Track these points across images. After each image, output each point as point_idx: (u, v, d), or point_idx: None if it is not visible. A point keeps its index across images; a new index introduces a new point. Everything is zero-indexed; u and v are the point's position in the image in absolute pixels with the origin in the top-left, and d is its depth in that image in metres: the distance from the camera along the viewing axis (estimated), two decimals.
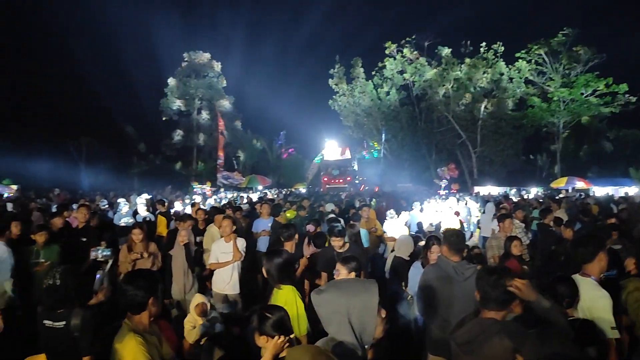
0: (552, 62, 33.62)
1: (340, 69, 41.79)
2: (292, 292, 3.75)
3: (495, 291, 2.53)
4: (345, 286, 2.00)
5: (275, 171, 46.88)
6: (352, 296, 1.92)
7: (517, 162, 37.94)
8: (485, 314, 2.57)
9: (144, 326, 2.72)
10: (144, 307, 2.69)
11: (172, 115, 46.49)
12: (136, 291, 2.65)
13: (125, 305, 2.69)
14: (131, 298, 2.65)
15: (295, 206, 11.65)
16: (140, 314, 2.70)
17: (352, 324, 1.90)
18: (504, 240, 6.13)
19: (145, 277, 2.77)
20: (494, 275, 2.58)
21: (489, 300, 2.56)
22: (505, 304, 2.57)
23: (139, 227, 6.29)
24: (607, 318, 3.12)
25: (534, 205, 14.93)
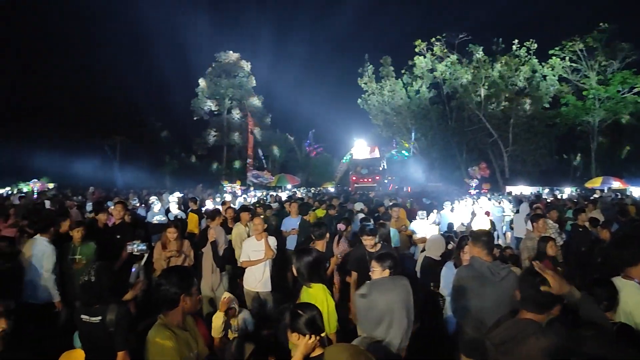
0: (587, 59, 32.77)
1: (369, 68, 41.68)
2: (323, 290, 3.75)
3: (537, 294, 2.49)
4: (385, 286, 2.00)
5: (304, 170, 47.01)
6: (395, 295, 1.93)
7: (550, 161, 37.13)
8: (523, 315, 2.53)
9: (177, 322, 2.77)
10: (176, 303, 2.74)
11: (203, 115, 47.21)
12: (169, 287, 2.72)
13: (158, 301, 2.76)
14: (164, 294, 2.72)
15: (325, 205, 11.66)
16: (173, 310, 2.75)
17: (399, 322, 1.90)
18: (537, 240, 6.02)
19: (178, 274, 2.82)
20: (537, 277, 2.53)
21: (529, 302, 2.52)
22: (544, 308, 2.52)
23: (174, 225, 6.38)
24: None
25: (568, 205, 14.59)
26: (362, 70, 42.06)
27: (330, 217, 9.82)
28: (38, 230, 5.97)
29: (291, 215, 9.38)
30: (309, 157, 49.39)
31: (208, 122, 47.92)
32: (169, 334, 2.64)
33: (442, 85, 38.93)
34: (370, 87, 41.75)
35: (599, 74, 32.53)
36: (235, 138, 47.40)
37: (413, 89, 40.03)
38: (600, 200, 15.28)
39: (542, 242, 5.68)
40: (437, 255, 5.56)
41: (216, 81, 46.83)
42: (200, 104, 46.51)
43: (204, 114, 47.12)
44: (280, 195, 21.24)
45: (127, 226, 7.17)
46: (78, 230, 6.05)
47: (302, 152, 49.47)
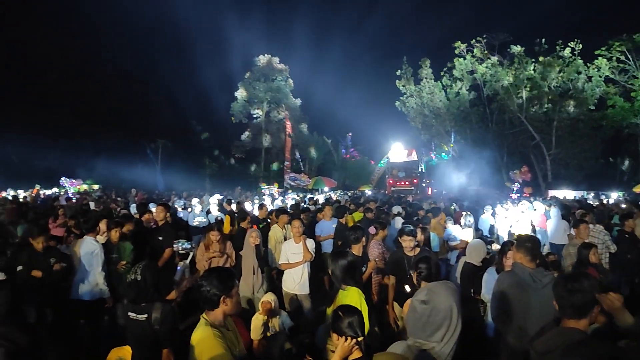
0: (636, 59, 31.58)
1: (407, 70, 41.41)
2: (357, 294, 3.76)
3: (572, 297, 2.43)
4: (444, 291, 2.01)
5: (341, 173, 47.04)
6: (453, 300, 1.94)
7: (595, 165, 35.94)
8: (566, 323, 2.47)
9: (220, 321, 2.84)
10: (217, 304, 2.81)
11: (242, 118, 47.84)
12: (209, 288, 2.78)
13: (201, 300, 2.83)
14: (204, 295, 2.79)
15: (362, 208, 11.62)
16: (214, 310, 2.82)
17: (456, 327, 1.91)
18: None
19: (219, 275, 2.88)
20: (570, 280, 2.49)
21: (566, 307, 2.47)
22: (583, 311, 2.46)
23: (217, 228, 6.56)
24: None
25: (615, 210, 14.09)
26: (400, 72, 41.81)
27: (368, 220, 9.79)
28: (86, 230, 6.19)
29: (325, 218, 9.39)
30: (345, 160, 49.39)
31: (247, 125, 48.60)
32: (216, 332, 2.72)
33: (482, 87, 38.28)
34: (409, 89, 41.44)
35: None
36: (273, 141, 47.87)
37: (453, 91, 39.51)
38: None
39: (583, 249, 5.50)
40: (477, 260, 5.46)
41: (255, 85, 47.43)
42: (240, 107, 47.23)
43: (242, 117, 47.78)
44: (317, 198, 21.31)
45: (169, 227, 7.32)
46: (116, 230, 6.25)
47: (339, 155, 49.50)
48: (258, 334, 4.94)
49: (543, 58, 34.02)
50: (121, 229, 6.41)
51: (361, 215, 10.59)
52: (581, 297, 2.42)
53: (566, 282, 2.51)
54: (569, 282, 2.49)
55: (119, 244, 6.29)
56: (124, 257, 6.26)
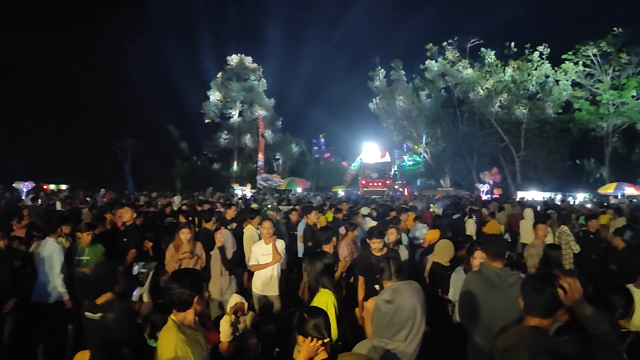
0: (602, 64, 32.46)
1: (380, 72, 41.70)
2: (327, 296, 3.74)
3: (540, 297, 2.44)
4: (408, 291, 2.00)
5: (314, 174, 47.07)
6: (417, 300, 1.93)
7: (563, 167, 36.80)
8: (528, 321, 2.49)
9: (189, 322, 2.79)
10: (190, 305, 2.75)
11: (214, 118, 47.42)
12: (182, 289, 2.71)
13: (171, 302, 2.76)
14: (177, 296, 2.72)
15: (333, 209, 11.64)
16: (185, 312, 2.76)
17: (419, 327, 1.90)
18: (542, 247, 5.92)
19: (191, 276, 2.84)
20: (540, 280, 2.50)
21: (533, 306, 2.48)
22: (550, 311, 2.47)
23: (187, 227, 6.38)
24: None
25: (581, 211, 14.42)
26: (373, 73, 42.09)
27: (338, 221, 9.79)
28: (48, 231, 6.02)
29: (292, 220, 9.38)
30: (319, 161, 49.44)
31: (219, 125, 48.18)
32: (182, 337, 2.66)
33: (454, 90, 38.82)
34: (381, 90, 41.75)
35: (613, 79, 32.19)
36: (245, 141, 47.57)
37: (424, 93, 39.98)
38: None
39: (549, 250, 5.58)
40: (445, 260, 5.50)
41: (227, 84, 47.07)
42: (212, 107, 46.78)
43: (214, 117, 47.36)
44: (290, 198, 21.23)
45: (135, 229, 7.18)
46: (88, 233, 6.06)
47: (312, 156, 49.52)
48: (227, 335, 4.87)
49: (513, 61, 34.67)
50: (93, 231, 6.23)
51: (332, 216, 10.61)
52: (549, 297, 2.43)
53: (535, 281, 2.51)
54: (538, 281, 2.50)
55: (89, 246, 6.10)
56: (96, 260, 6.09)
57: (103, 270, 3.56)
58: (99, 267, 3.63)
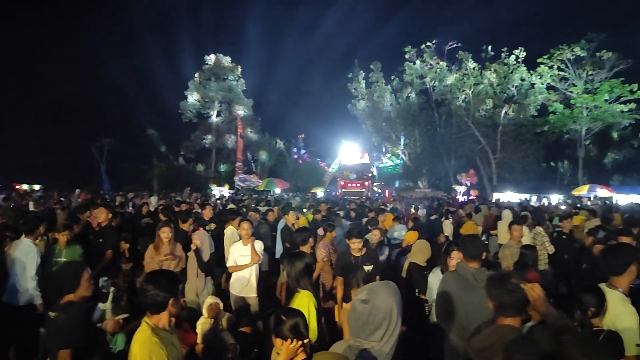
0: (575, 68, 33.15)
1: (359, 73, 41.87)
2: (307, 297, 3.74)
3: (507, 296, 2.48)
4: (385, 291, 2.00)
5: (293, 175, 46.96)
6: (394, 300, 1.93)
7: (538, 169, 37.42)
8: (501, 321, 2.52)
9: (164, 324, 2.74)
10: (165, 307, 2.70)
11: (192, 118, 46.94)
12: (157, 291, 2.66)
13: (145, 305, 2.71)
14: (152, 298, 2.66)
15: (312, 210, 11.63)
16: (160, 314, 2.71)
17: (395, 327, 1.91)
18: (517, 248, 5.99)
19: (166, 278, 2.78)
20: (504, 280, 2.54)
21: (502, 307, 2.51)
22: (520, 310, 2.53)
23: (167, 226, 6.18)
24: (630, 334, 2.98)
25: (555, 212, 14.68)
26: (352, 75, 42.25)
27: (317, 221, 9.78)
28: (26, 232, 5.84)
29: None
30: (298, 162, 49.36)
31: (197, 125, 47.69)
32: (157, 339, 2.61)
33: (431, 92, 39.18)
34: (360, 92, 41.94)
35: (586, 83, 32.89)
36: (224, 141, 47.24)
37: (402, 95, 40.27)
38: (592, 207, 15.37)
39: (525, 250, 5.66)
40: (422, 261, 5.54)
41: (206, 84, 46.65)
42: (190, 106, 46.30)
43: (192, 116, 46.88)
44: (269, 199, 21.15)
45: (110, 229, 7.05)
46: (64, 233, 5.92)
47: (291, 157, 49.42)
48: (204, 337, 4.84)
49: (489, 65, 35.17)
50: (71, 231, 6.09)
51: (312, 217, 10.60)
52: (516, 296, 2.47)
53: (500, 282, 2.55)
54: (503, 282, 2.53)
55: (67, 247, 5.92)
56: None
57: (67, 270, 3.48)
58: (63, 267, 3.57)
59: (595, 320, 3.08)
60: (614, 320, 3.07)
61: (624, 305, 3.13)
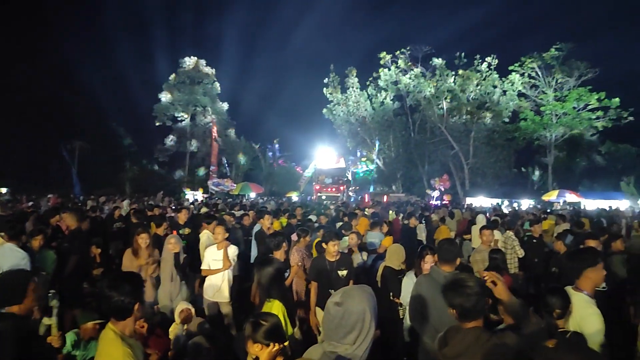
0: (545, 76, 33.95)
1: (335, 78, 42.04)
2: (280, 308, 3.69)
3: (470, 302, 2.47)
4: (359, 294, 2.01)
5: (268, 179, 46.77)
6: (367, 303, 1.94)
7: (509, 174, 38.06)
8: (466, 325, 2.51)
9: (130, 331, 2.64)
10: (131, 312, 2.61)
11: (166, 121, 46.28)
12: (123, 296, 2.56)
13: (110, 311, 2.60)
14: (117, 304, 2.55)
15: (287, 214, 11.61)
16: (126, 320, 2.61)
17: (369, 330, 1.92)
18: (487, 252, 6.09)
19: (131, 282, 2.68)
20: (461, 286, 2.52)
21: (467, 314, 2.50)
22: (481, 313, 2.52)
23: (146, 232, 6.10)
24: (595, 336, 3.08)
25: (526, 217, 14.96)
26: (327, 80, 42.40)
27: (292, 226, 9.77)
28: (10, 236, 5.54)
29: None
30: (273, 166, 49.20)
31: (171, 128, 47.05)
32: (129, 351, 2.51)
33: (406, 98, 39.56)
34: (336, 97, 42.11)
35: (556, 91, 33.72)
36: (198, 145, 46.76)
37: (377, 101, 40.58)
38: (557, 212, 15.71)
39: (494, 255, 5.74)
40: (397, 265, 5.58)
41: (180, 87, 46.09)
42: (163, 109, 45.66)
43: (166, 120, 46.23)
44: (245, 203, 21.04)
45: (80, 234, 6.90)
46: (37, 238, 5.74)
47: (266, 161, 49.22)
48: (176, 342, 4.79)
49: (462, 71, 35.71)
50: (44, 236, 5.91)
51: (286, 221, 10.57)
52: (476, 299, 2.47)
53: (459, 289, 2.53)
54: (460, 287, 2.52)
55: (40, 253, 5.72)
56: (47, 268, 5.71)
57: (10, 279, 3.16)
58: (6, 276, 3.26)
59: (561, 321, 3.16)
60: (580, 322, 3.16)
61: (589, 307, 3.22)
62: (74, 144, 42.47)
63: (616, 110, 31.64)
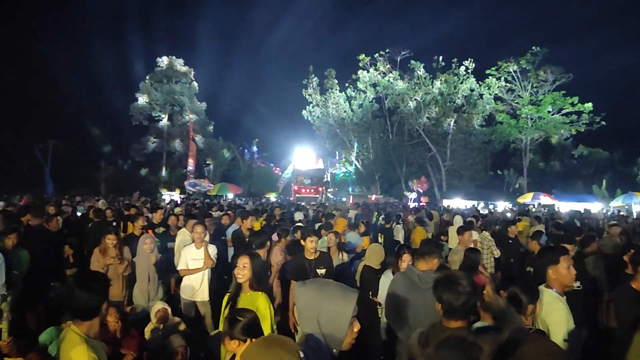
0: (521, 80, 34.52)
1: (314, 80, 42.03)
2: (265, 298, 3.70)
3: (460, 301, 2.45)
4: (325, 286, 1.96)
5: (246, 180, 46.50)
6: (329, 297, 1.87)
7: (486, 176, 38.51)
8: (450, 324, 2.50)
9: (95, 333, 2.57)
10: (98, 312, 2.56)
11: (143, 120, 45.60)
12: (91, 295, 2.50)
13: (76, 311, 2.53)
14: (85, 303, 2.48)
15: (266, 214, 11.58)
16: (92, 320, 2.55)
17: (319, 324, 1.86)
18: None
19: (99, 280, 2.64)
20: (457, 283, 2.49)
21: (453, 312, 2.48)
22: (469, 313, 2.52)
23: (114, 232, 6.08)
24: (560, 330, 3.21)
25: (501, 219, 15.20)
26: (306, 81, 42.38)
27: (271, 227, 9.74)
28: None
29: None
30: (251, 167, 48.94)
31: (147, 128, 46.40)
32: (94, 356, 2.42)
33: (384, 100, 39.76)
34: (315, 98, 42.12)
35: (531, 95, 34.31)
36: (175, 145, 46.24)
37: (356, 103, 40.71)
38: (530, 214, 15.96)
39: (471, 254, 5.81)
40: (376, 264, 5.60)
41: (157, 86, 45.45)
42: (140, 109, 45.00)
43: (143, 119, 45.56)
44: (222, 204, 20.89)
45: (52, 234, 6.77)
46: (10, 237, 5.60)
47: (244, 162, 48.95)
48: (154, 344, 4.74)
49: (440, 74, 36.07)
50: (18, 235, 5.77)
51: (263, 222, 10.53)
52: (466, 299, 2.45)
53: (449, 285, 2.51)
54: (453, 285, 2.50)
55: (14, 251, 5.56)
56: (21, 267, 5.58)
57: None
58: None
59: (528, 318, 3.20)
60: (546, 316, 3.30)
61: (555, 303, 3.37)
62: (48, 143, 41.60)
63: (589, 115, 32.34)
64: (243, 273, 3.71)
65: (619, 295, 4.13)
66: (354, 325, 1.89)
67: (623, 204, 23.75)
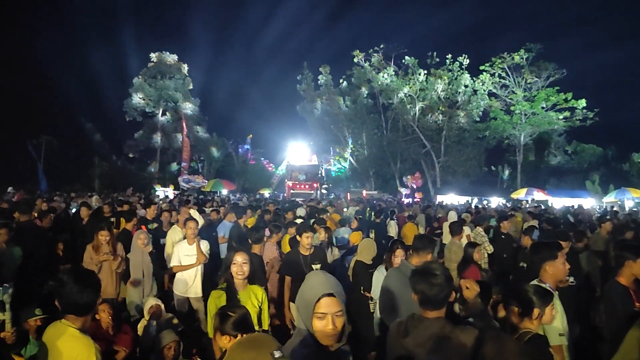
0: (515, 76, 34.59)
1: (308, 75, 41.95)
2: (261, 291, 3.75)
3: (433, 291, 2.50)
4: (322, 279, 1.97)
5: (240, 175, 46.36)
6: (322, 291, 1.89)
7: (480, 172, 38.60)
8: (428, 315, 2.54)
9: (87, 328, 2.57)
10: (93, 307, 2.56)
11: (136, 116, 45.31)
12: (86, 289, 2.48)
13: (72, 306, 2.49)
14: (80, 298, 2.46)
15: (260, 210, 11.58)
16: (87, 316, 2.54)
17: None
18: (459, 247, 6.17)
19: (92, 276, 2.63)
20: (428, 275, 2.55)
21: (428, 302, 2.53)
22: (443, 303, 2.55)
23: (107, 228, 6.02)
24: (554, 325, 3.18)
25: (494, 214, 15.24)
26: (301, 77, 42.30)
27: (265, 222, 9.73)
28: None
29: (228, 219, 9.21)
30: (245, 163, 48.79)
31: (141, 123, 46.12)
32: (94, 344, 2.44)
33: (379, 96, 39.75)
34: (309, 94, 42.04)
35: (525, 91, 34.40)
36: (169, 141, 46.04)
37: (350, 98, 40.67)
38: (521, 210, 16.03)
39: (469, 248, 5.86)
40: (368, 259, 5.61)
41: (151, 82, 45.14)
42: (134, 104, 44.73)
43: (137, 115, 45.26)
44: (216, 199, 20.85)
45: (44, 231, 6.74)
46: (1, 232, 5.55)
47: (238, 158, 48.79)
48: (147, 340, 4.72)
49: (435, 70, 36.06)
50: (9, 230, 5.73)
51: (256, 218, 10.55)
52: (439, 289, 2.50)
53: (423, 275, 2.57)
54: (427, 275, 2.55)
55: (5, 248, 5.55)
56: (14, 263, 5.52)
57: None
58: None
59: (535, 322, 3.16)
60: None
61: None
62: (41, 139, 41.32)
63: (582, 110, 32.48)
64: (243, 270, 3.72)
65: (606, 291, 4.16)
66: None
67: (616, 200, 23.93)
